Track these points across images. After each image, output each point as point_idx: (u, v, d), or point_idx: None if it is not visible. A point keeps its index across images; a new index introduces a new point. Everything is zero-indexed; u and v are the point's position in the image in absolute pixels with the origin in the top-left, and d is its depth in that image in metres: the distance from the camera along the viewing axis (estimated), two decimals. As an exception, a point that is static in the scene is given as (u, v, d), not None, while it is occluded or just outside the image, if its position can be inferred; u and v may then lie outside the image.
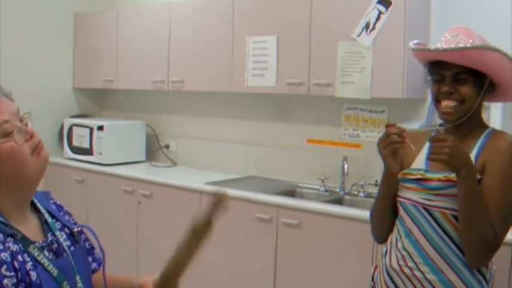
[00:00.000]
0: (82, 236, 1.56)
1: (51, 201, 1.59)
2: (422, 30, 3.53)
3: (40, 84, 5.02)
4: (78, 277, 1.42)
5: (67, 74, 5.47)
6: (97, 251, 1.63)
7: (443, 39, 2.03)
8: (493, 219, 1.91)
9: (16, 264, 1.27)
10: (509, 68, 1.97)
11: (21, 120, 1.40)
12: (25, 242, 1.33)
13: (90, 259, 1.60)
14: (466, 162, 1.90)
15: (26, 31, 5.09)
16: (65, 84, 5.46)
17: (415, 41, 2.17)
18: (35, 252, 1.33)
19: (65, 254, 1.42)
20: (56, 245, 1.41)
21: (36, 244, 1.36)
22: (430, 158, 1.93)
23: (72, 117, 5.33)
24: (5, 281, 1.22)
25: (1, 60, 4.83)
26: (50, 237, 1.42)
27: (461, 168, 1.88)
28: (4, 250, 1.26)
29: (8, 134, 1.35)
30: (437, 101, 2.05)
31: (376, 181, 3.81)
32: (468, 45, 1.95)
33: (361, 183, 3.88)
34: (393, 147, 1.99)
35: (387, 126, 3.84)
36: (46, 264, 1.33)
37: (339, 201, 3.85)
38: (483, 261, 1.99)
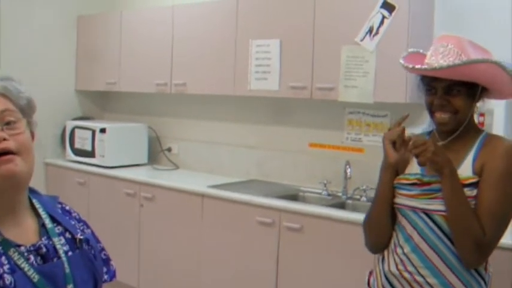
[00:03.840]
0: (98, 245, 1.51)
1: (59, 205, 1.53)
2: (425, 34, 3.53)
3: (42, 86, 4.98)
4: (71, 286, 1.34)
5: (70, 76, 5.47)
6: (113, 262, 1.57)
7: (433, 49, 2.07)
8: (484, 220, 1.93)
9: None
10: (500, 75, 1.98)
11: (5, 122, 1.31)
12: (6, 245, 1.27)
13: (105, 270, 1.53)
14: (448, 161, 1.96)
15: (29, 33, 5.09)
16: (67, 87, 5.46)
17: (410, 50, 2.23)
18: (15, 256, 1.27)
19: (55, 260, 1.35)
20: (44, 250, 1.34)
21: (22, 248, 1.30)
22: (419, 161, 1.97)
23: (75, 119, 5.33)
24: None
25: (3, 61, 4.83)
26: (41, 241, 1.35)
27: (445, 167, 1.94)
28: None
29: None
30: (430, 111, 2.09)
31: (379, 186, 3.81)
32: (457, 61, 1.97)
33: (364, 187, 3.87)
34: (393, 135, 2.09)
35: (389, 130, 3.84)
36: (26, 269, 1.27)
37: (341, 206, 3.84)
38: (475, 261, 1.99)
